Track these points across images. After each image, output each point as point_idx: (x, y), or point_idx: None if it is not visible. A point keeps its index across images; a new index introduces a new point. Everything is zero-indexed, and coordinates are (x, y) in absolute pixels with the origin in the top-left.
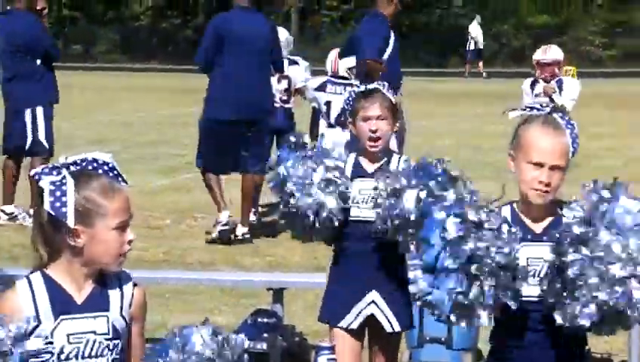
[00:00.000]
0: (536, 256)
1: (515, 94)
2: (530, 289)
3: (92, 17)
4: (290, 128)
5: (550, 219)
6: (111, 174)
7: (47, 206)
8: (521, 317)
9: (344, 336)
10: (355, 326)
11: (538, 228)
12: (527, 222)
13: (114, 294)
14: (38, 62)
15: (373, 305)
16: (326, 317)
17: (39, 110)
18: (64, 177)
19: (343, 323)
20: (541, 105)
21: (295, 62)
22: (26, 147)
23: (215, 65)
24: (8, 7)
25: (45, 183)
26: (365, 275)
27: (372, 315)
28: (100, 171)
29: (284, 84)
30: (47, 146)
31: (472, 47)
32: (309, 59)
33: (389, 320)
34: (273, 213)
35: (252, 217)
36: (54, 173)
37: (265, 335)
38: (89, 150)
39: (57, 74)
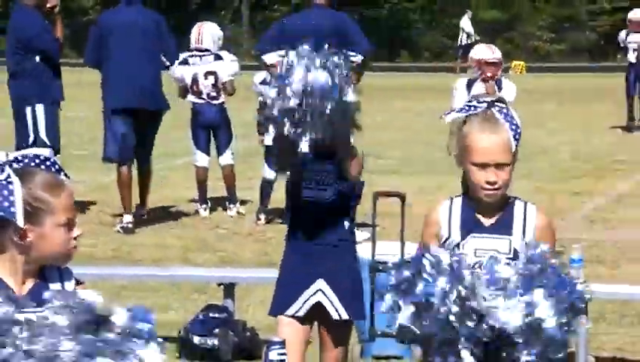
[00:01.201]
0: (484, 248)
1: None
2: None
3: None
4: (224, 122)
5: (500, 213)
6: (53, 169)
7: None
8: None
9: (289, 323)
10: (301, 313)
11: (487, 221)
12: (478, 215)
13: (55, 289)
14: (37, 59)
15: (320, 293)
16: (274, 309)
17: (39, 108)
18: (9, 175)
19: (290, 311)
20: (478, 100)
21: (220, 57)
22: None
23: (103, 60)
24: (17, 3)
25: None
26: (313, 264)
27: (319, 304)
28: (43, 167)
29: (211, 80)
30: (50, 145)
31: (464, 42)
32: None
33: (335, 308)
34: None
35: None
36: None
37: (216, 330)
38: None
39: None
